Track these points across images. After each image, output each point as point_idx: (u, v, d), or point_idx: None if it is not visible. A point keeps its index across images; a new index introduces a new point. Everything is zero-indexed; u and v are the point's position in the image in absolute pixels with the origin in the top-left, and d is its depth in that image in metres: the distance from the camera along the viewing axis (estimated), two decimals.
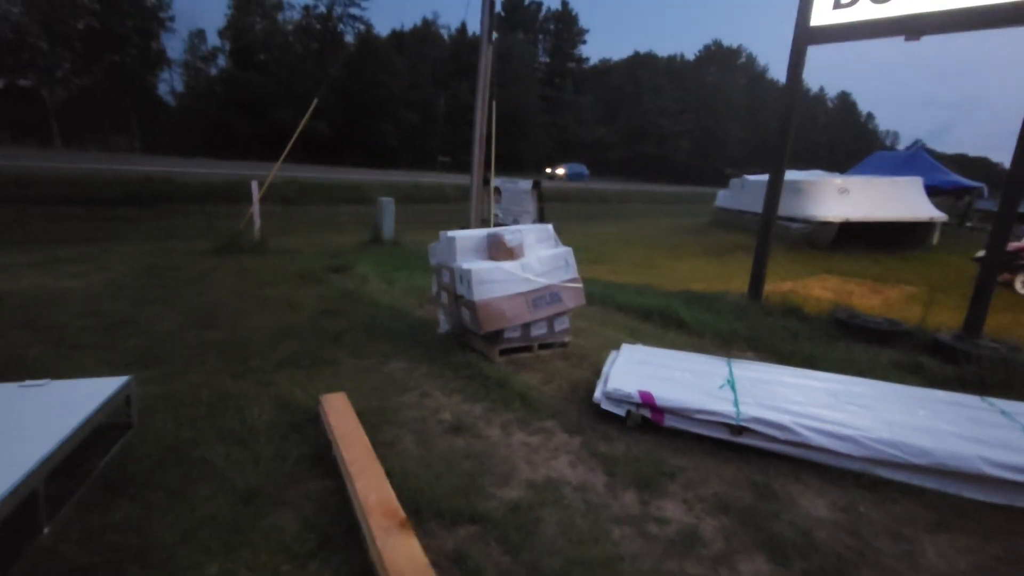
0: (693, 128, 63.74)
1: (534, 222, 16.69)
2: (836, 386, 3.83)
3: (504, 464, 3.02)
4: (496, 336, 4.76)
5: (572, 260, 5.11)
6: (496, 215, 18.40)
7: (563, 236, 5.45)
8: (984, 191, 30.32)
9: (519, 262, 4.87)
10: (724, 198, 19.85)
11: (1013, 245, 9.24)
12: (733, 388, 3.69)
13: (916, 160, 16.64)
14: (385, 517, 2.22)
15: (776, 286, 8.69)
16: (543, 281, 4.89)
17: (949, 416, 3.41)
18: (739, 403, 3.44)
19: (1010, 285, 9.00)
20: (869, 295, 8.51)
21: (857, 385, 3.90)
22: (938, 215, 13.07)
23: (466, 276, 4.59)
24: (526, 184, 16.68)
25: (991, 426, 3.31)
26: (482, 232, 5.09)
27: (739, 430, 3.28)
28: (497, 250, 4.93)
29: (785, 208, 14.66)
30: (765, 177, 17.07)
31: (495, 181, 18.64)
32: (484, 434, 3.37)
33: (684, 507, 2.72)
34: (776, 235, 14.73)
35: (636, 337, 5.61)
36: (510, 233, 5.01)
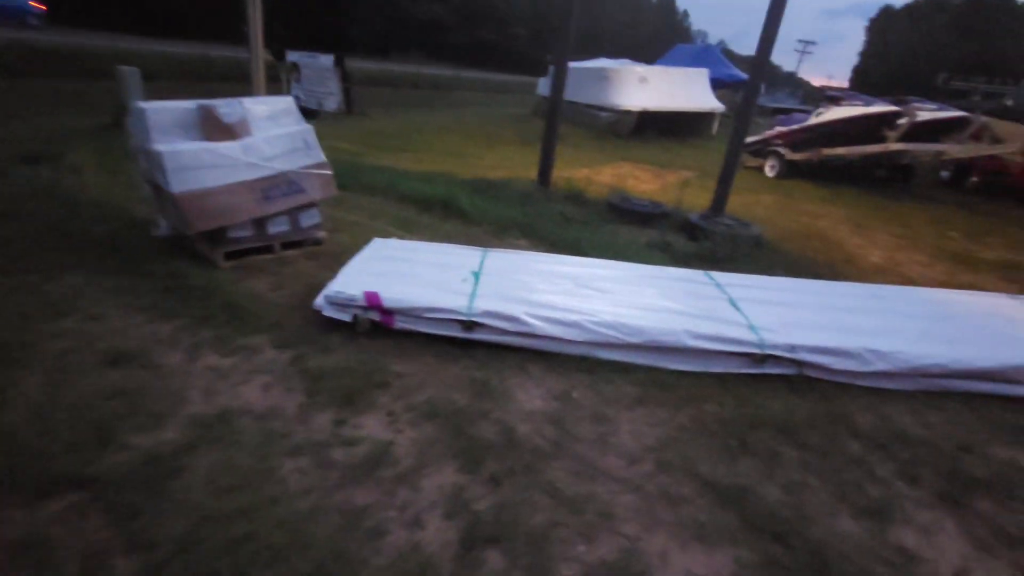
0: (530, 15, 61.34)
1: (339, 106, 14.78)
2: (582, 271, 3.77)
3: (166, 399, 2.37)
4: (219, 236, 3.86)
5: (313, 140, 4.25)
6: (297, 97, 15.88)
7: (378, 123, 4.55)
8: (762, 88, 34.52)
9: (240, 143, 3.88)
10: (544, 86, 19.50)
11: (767, 133, 10.45)
12: (476, 281, 3.40)
13: (707, 54, 17.91)
14: None
15: (572, 173, 8.74)
16: (276, 167, 4.00)
17: (672, 292, 3.54)
18: (475, 296, 3.16)
19: (761, 170, 10.26)
20: (651, 180, 9.03)
21: (602, 268, 3.90)
22: (718, 106, 14.34)
23: (159, 161, 3.52)
24: (327, 60, 14.39)
25: (704, 298, 3.51)
26: (189, 104, 3.92)
27: (471, 325, 3.02)
28: (210, 127, 3.86)
29: (594, 97, 14.85)
30: (581, 64, 17.03)
31: (292, 56, 15.84)
32: (157, 362, 2.65)
33: (386, 421, 2.39)
34: (586, 123, 15.10)
35: (409, 229, 5.11)
36: (227, 105, 3.92)
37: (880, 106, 8.95)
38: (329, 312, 3.08)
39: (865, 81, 46.65)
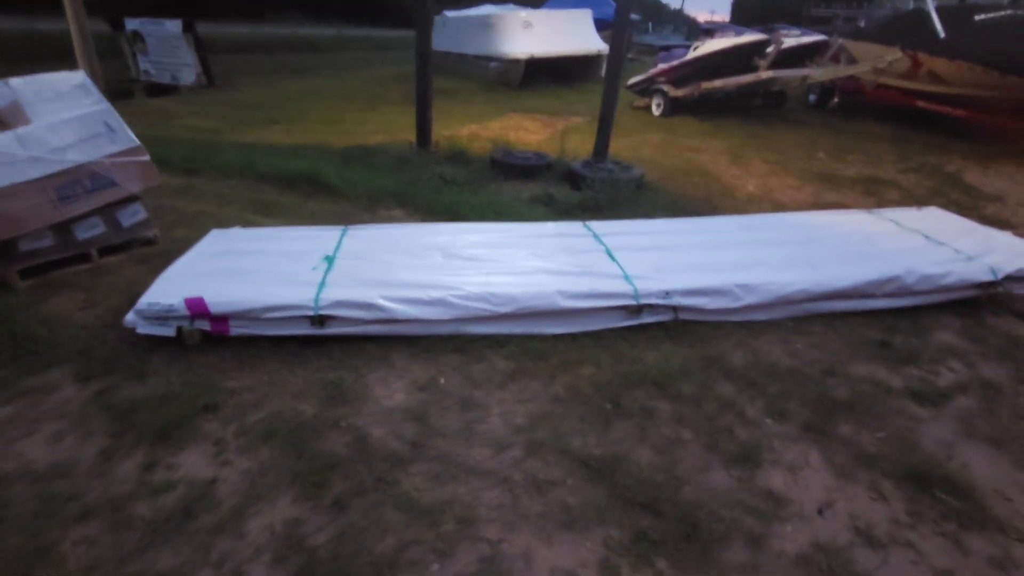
0: None
1: (198, 79, 13.10)
2: (452, 239, 3.47)
3: None
4: (8, 251, 3.17)
5: (119, 123, 3.56)
6: (146, 72, 13.90)
7: (247, 94, 3.83)
8: (650, 27, 34.79)
9: (14, 134, 3.15)
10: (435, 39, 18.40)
11: (651, 71, 10.46)
12: (330, 267, 3.01)
13: None
14: None
15: (458, 130, 8.30)
16: (70, 159, 3.30)
17: (548, 251, 3.34)
18: (325, 286, 2.79)
19: (649, 109, 10.31)
20: (540, 130, 8.78)
21: (475, 233, 3.61)
22: (604, 48, 14.17)
23: None
24: (174, 25, 12.58)
25: (581, 253, 3.34)
26: None
27: (320, 320, 2.66)
28: None
29: (481, 47, 14.17)
30: (465, 12, 16.14)
31: (131, 23, 13.70)
32: None
33: (211, 454, 2.03)
34: (476, 76, 14.46)
35: (268, 213, 4.55)
36: None
37: (750, 36, 9.15)
38: (145, 329, 2.60)
39: (743, 13, 48.57)
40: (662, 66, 10.17)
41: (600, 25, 16.35)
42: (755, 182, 5.88)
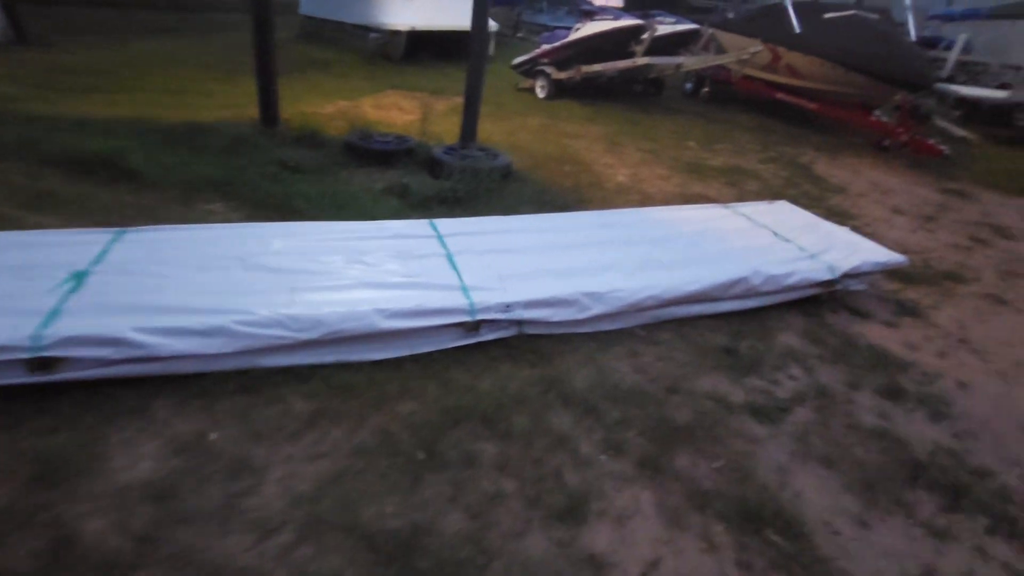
0: None
1: (4, 35, 10.75)
2: (258, 244, 2.87)
3: None
4: None
5: None
6: None
7: (76, 56, 2.71)
8: (544, 6, 34.62)
9: None
10: (306, 3, 16.76)
11: (534, 52, 10.16)
12: (78, 286, 2.32)
13: None
14: None
15: (326, 107, 7.46)
16: None
17: (378, 257, 2.86)
18: (58, 314, 2.11)
19: (534, 91, 10.04)
20: (417, 110, 8.15)
21: (292, 236, 3.03)
22: (492, 25, 13.70)
23: None
24: None
25: (417, 258, 2.90)
26: None
27: (44, 364, 2.00)
28: None
29: (359, 15, 13.06)
30: None
31: None
32: None
33: None
34: (356, 47, 13.34)
35: (41, 207, 3.61)
36: None
37: (626, 21, 9.12)
38: None
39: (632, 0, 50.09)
40: (545, 47, 9.89)
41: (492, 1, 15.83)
42: (626, 172, 5.77)
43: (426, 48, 12.89)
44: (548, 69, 9.64)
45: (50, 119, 5.60)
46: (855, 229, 4.89)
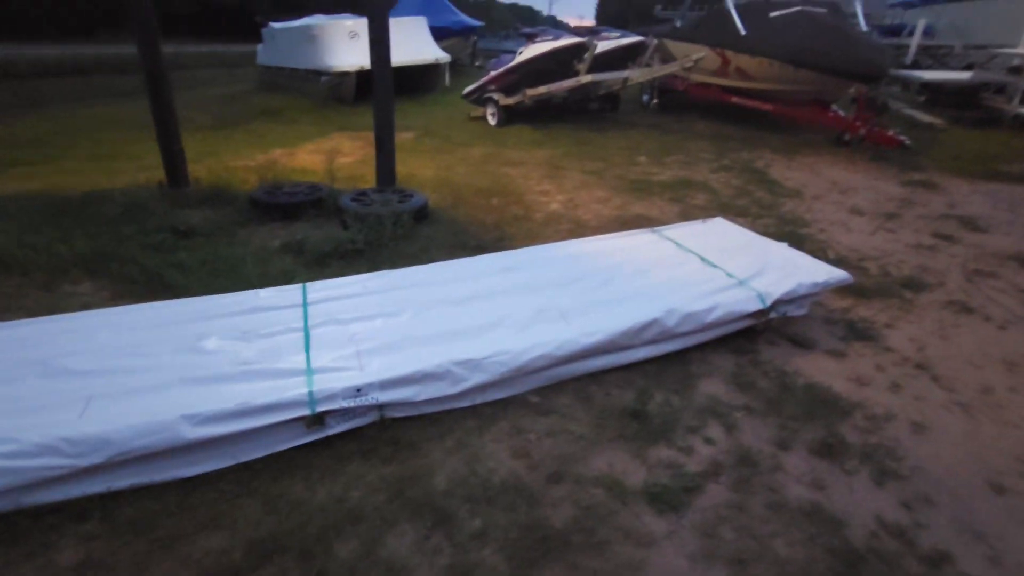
0: None
1: None
2: (67, 345, 2.44)
3: None
4: None
5: None
6: None
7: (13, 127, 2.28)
8: (510, 32, 34.94)
9: None
10: (262, 53, 16.75)
11: (482, 79, 9.91)
12: None
13: (432, 2, 16.84)
14: None
15: (251, 159, 7.15)
16: None
17: (219, 339, 2.44)
18: None
19: (485, 119, 9.77)
20: (360, 151, 7.86)
21: (123, 326, 2.60)
22: (443, 56, 13.57)
23: None
24: None
25: (266, 337, 2.48)
26: None
27: None
28: None
29: (308, 60, 12.93)
30: (297, 24, 14.73)
31: None
32: None
33: None
34: (308, 91, 13.20)
35: None
36: None
37: (566, 40, 8.88)
38: None
39: (605, 17, 50.61)
40: (492, 73, 9.65)
41: (443, 32, 15.73)
42: (562, 198, 5.39)
43: None
44: (496, 95, 9.39)
45: None
46: (808, 236, 4.52)
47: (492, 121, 9.63)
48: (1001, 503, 1.98)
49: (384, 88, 4.80)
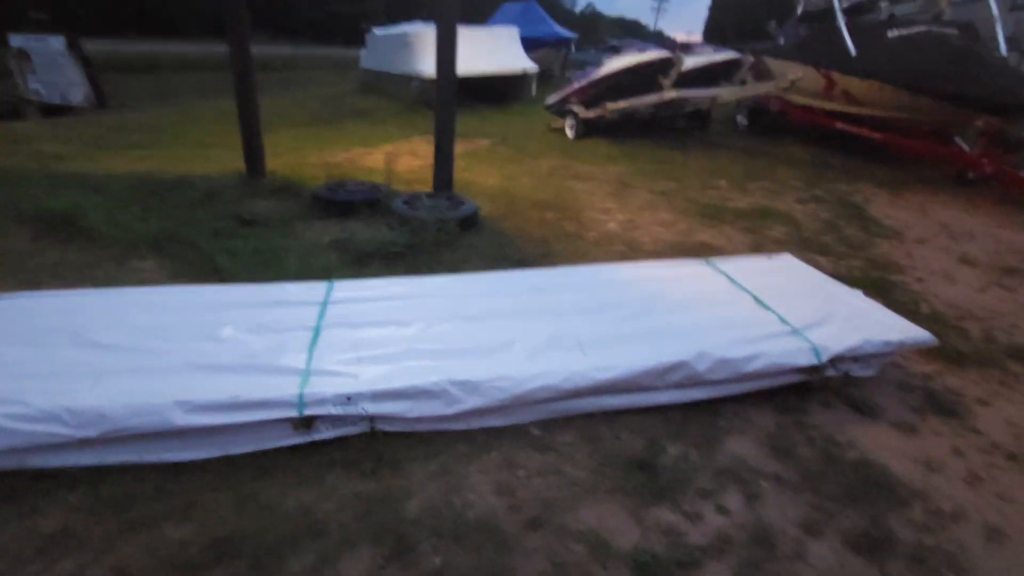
0: None
1: (87, 98, 12.19)
2: (100, 320, 2.60)
3: None
4: None
5: None
6: (37, 91, 12.94)
7: (138, 115, 2.81)
8: (624, 43, 34.54)
9: None
10: (365, 57, 17.73)
11: (564, 91, 9.78)
12: None
13: (528, 12, 17.01)
14: None
15: (335, 156, 7.52)
16: None
17: (234, 329, 2.49)
18: None
19: (563, 130, 9.63)
20: (431, 155, 8.01)
21: (154, 307, 2.72)
22: (531, 66, 13.60)
23: None
24: (58, 42, 11.71)
25: (277, 332, 2.49)
26: None
27: None
28: None
29: (401, 65, 13.50)
30: (395, 30, 15.51)
31: (15, 40, 12.76)
32: None
33: None
34: (399, 95, 13.78)
35: None
36: None
37: (651, 54, 8.53)
38: None
39: (715, 32, 48.78)
40: (575, 85, 9.52)
41: (537, 43, 15.82)
42: (622, 218, 5.13)
43: (468, 93, 13.00)
44: (576, 108, 9.24)
45: (59, 177, 5.90)
46: (899, 285, 3.97)
47: (570, 133, 9.48)
48: None
49: (446, 94, 4.82)
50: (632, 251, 4.31)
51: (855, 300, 2.96)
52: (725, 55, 8.49)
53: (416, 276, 3.17)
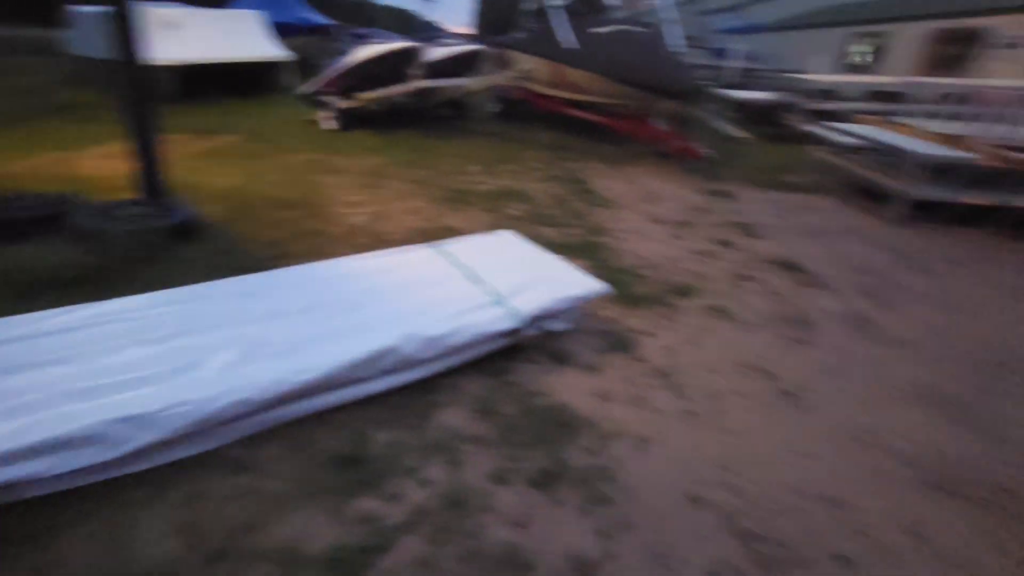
0: None
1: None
2: None
3: None
4: None
5: None
6: None
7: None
8: (369, 32, 33.88)
9: None
10: (73, 41, 14.44)
11: (316, 81, 9.29)
12: None
13: None
14: None
15: (15, 166, 5.97)
16: None
17: None
18: None
19: (328, 122, 9.15)
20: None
21: None
22: (283, 54, 12.62)
23: None
24: None
25: None
26: None
27: None
28: None
29: (111, 48, 11.37)
30: (95, 9, 12.84)
31: None
32: None
33: None
34: (116, 85, 11.56)
35: None
36: None
37: (395, 44, 8.61)
38: None
39: (480, 25, 50.96)
40: (327, 76, 9.08)
41: (290, 29, 14.66)
42: (371, 210, 5.07)
43: (210, 83, 11.49)
44: (332, 98, 8.84)
45: None
46: (605, 245, 4.63)
47: (329, 125, 9.05)
48: (690, 519, 2.00)
49: (137, 79, 4.15)
50: (376, 243, 4.28)
51: (555, 264, 3.37)
52: (468, 47, 8.93)
53: (91, 303, 2.67)
